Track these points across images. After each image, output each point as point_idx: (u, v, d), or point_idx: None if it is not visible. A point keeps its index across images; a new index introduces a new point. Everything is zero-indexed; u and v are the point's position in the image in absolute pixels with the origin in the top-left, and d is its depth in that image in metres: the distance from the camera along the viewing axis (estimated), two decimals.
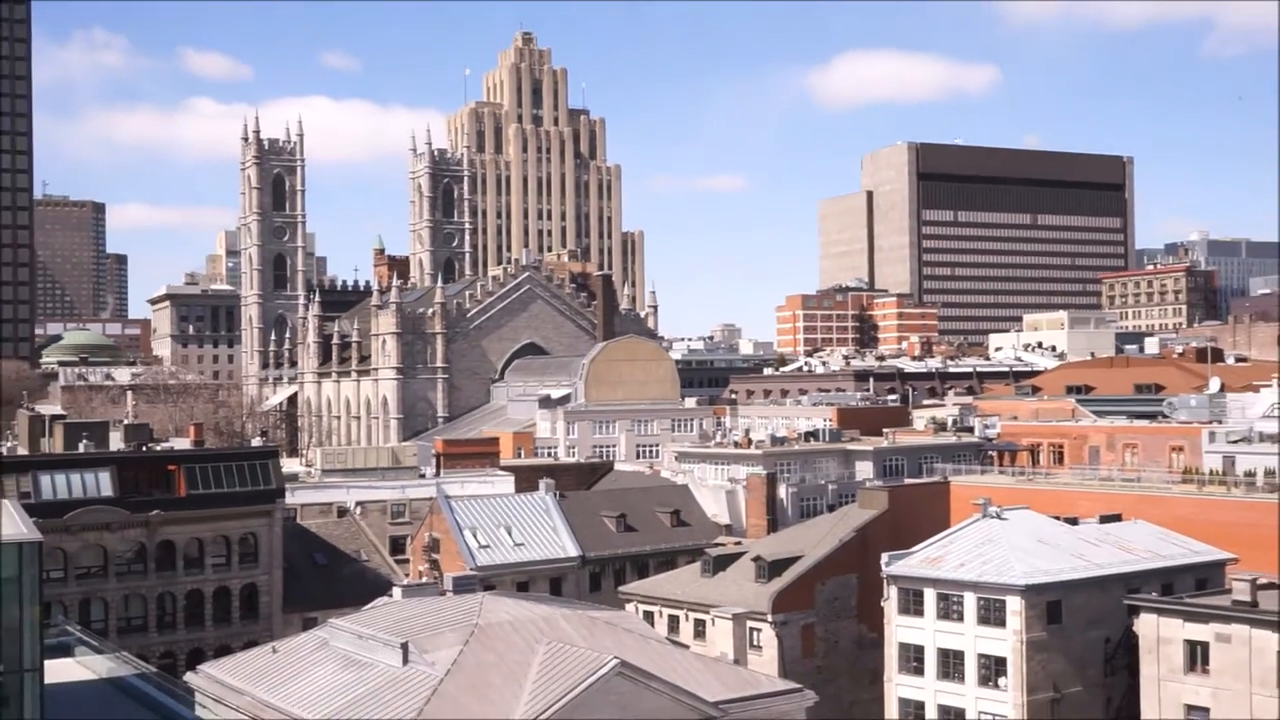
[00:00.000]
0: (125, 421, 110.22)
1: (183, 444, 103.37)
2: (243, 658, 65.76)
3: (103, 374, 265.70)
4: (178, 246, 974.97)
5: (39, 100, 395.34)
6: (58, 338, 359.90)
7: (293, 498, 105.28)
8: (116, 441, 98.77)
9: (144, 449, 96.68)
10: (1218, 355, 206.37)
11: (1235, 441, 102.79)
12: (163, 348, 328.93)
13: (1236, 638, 62.73)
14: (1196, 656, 64.25)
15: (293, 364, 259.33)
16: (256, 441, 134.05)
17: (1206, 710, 63.67)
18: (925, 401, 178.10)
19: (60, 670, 49.64)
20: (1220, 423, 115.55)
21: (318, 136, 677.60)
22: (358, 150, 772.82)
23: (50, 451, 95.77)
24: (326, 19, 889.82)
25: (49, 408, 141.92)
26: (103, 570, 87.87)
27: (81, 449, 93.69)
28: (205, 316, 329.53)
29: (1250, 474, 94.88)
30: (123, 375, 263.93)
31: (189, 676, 62.77)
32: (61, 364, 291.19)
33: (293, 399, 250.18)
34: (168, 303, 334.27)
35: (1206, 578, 75.15)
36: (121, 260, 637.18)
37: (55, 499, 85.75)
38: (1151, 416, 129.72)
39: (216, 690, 59.11)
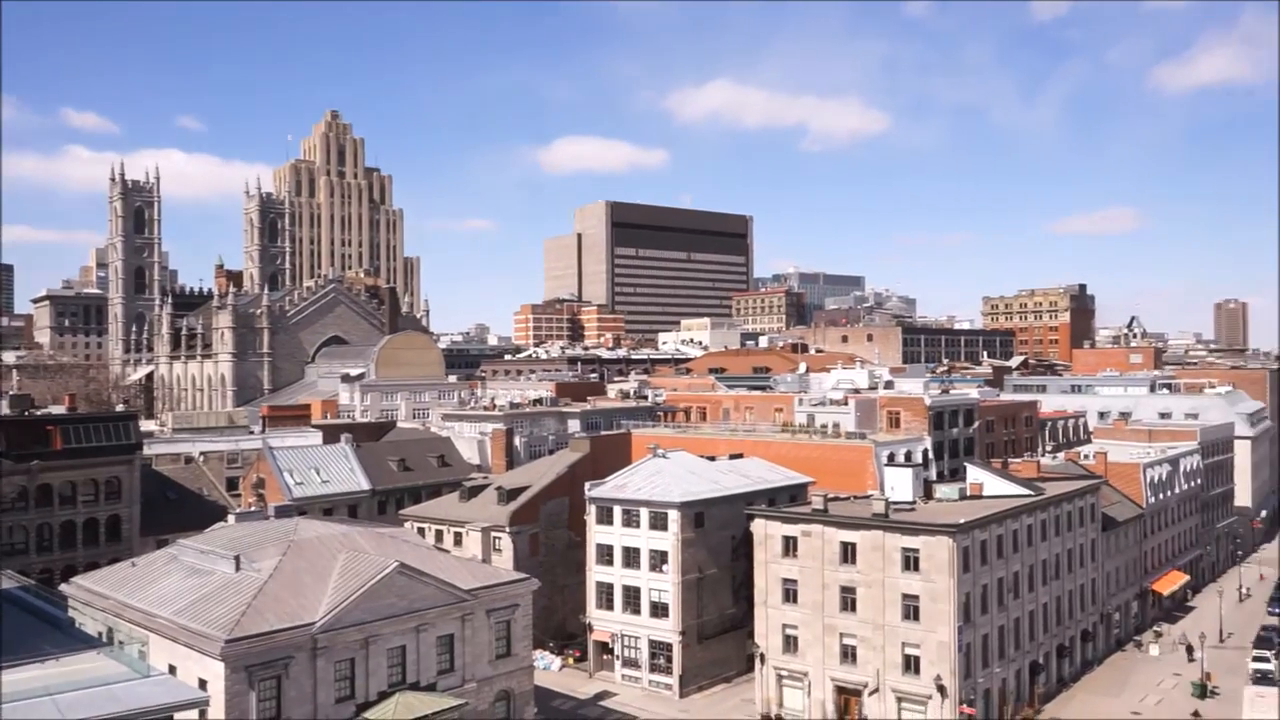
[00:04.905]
0: (11, 393, 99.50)
1: (59, 410, 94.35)
2: (107, 571, 60.75)
3: None
4: (58, 259, 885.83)
5: None
6: None
7: (150, 449, 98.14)
8: (3, 408, 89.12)
9: (25, 414, 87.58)
10: (804, 348, 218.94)
11: (815, 405, 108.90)
12: (43, 337, 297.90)
13: (814, 533, 66.59)
14: (789, 546, 67.85)
15: (150, 350, 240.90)
16: (120, 408, 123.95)
17: (795, 580, 67.39)
18: (615, 378, 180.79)
19: None
20: (805, 392, 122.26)
21: (176, 180, 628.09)
22: (207, 191, 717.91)
23: None
24: (180, 90, 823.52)
25: None
26: None
27: None
28: (79, 313, 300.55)
29: (824, 426, 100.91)
30: (9, 357, 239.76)
31: (62, 587, 57.60)
32: None
33: (150, 376, 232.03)
34: (47, 302, 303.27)
35: (796, 494, 79.48)
36: (8, 268, 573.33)
37: None
38: (763, 388, 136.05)
39: (85, 596, 54.46)
